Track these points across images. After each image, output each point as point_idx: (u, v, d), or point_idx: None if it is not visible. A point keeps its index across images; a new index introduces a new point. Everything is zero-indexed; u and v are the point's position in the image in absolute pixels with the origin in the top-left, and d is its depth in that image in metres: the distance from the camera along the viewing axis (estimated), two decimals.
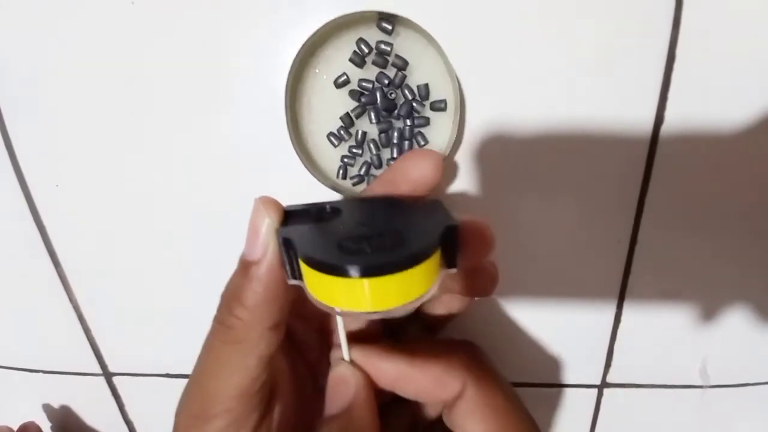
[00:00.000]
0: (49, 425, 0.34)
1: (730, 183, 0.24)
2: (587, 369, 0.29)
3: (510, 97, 0.23)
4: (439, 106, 0.23)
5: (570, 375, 0.30)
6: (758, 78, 0.22)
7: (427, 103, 0.23)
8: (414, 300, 0.14)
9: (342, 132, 0.23)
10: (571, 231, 0.25)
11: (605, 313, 0.28)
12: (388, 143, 0.24)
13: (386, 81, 0.23)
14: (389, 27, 0.22)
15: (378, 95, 0.23)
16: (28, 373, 0.33)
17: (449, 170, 0.24)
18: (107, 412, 0.33)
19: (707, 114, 0.23)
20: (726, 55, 0.22)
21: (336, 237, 0.15)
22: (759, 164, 0.24)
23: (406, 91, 0.23)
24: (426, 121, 0.23)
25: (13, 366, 0.33)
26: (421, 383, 0.20)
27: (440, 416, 0.23)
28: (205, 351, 0.18)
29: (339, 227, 0.16)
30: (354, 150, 0.24)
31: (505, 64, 0.22)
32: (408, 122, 0.23)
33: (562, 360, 0.29)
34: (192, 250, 0.27)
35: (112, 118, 0.25)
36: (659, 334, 0.28)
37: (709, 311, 0.27)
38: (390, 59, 0.22)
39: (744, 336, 0.28)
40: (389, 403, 0.22)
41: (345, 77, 0.23)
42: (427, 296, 0.14)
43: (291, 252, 0.16)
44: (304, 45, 0.21)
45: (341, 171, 0.24)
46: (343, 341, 0.19)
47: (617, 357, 0.29)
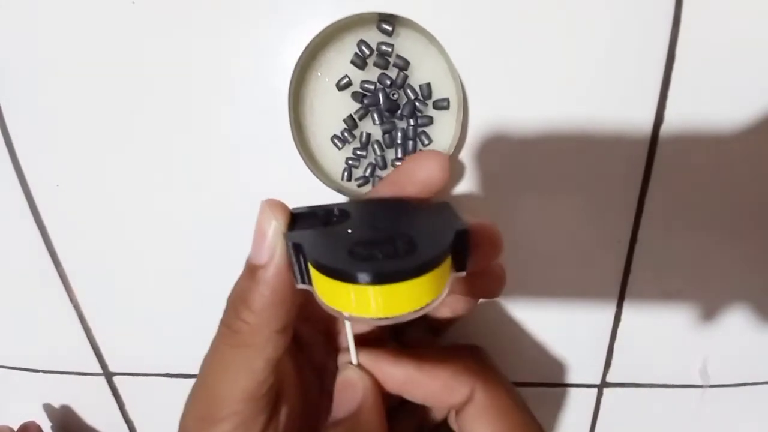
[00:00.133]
0: (50, 425, 0.34)
1: (730, 183, 0.24)
2: (587, 369, 0.29)
3: (511, 95, 0.23)
4: (442, 105, 0.23)
5: (570, 375, 0.30)
6: (758, 78, 0.22)
7: (430, 102, 0.23)
8: (424, 306, 0.14)
9: (346, 134, 0.23)
10: (571, 230, 0.26)
11: (605, 313, 0.28)
12: (392, 144, 0.24)
13: (388, 82, 0.23)
14: (389, 28, 0.22)
15: (380, 96, 0.23)
16: (29, 373, 0.33)
17: (453, 169, 0.24)
18: (108, 412, 0.33)
19: (707, 114, 0.23)
20: (726, 55, 0.22)
21: (346, 242, 0.15)
22: (759, 164, 0.24)
23: (409, 91, 0.23)
24: (429, 121, 0.23)
25: (14, 366, 0.33)
26: (430, 388, 0.19)
27: (446, 419, 0.23)
28: (212, 354, 0.18)
29: (348, 231, 0.16)
30: (358, 152, 0.24)
31: (506, 63, 0.22)
32: (411, 122, 0.23)
33: (562, 360, 0.29)
34: (193, 251, 0.27)
35: (113, 119, 0.25)
36: (659, 334, 0.28)
37: (709, 311, 0.27)
38: (391, 60, 0.22)
39: (744, 336, 0.28)
40: (396, 407, 0.22)
41: (347, 79, 0.23)
42: (437, 302, 0.15)
43: (300, 256, 0.16)
44: (306, 49, 0.21)
45: (346, 173, 0.24)
46: (351, 345, 0.19)
47: (617, 357, 0.29)
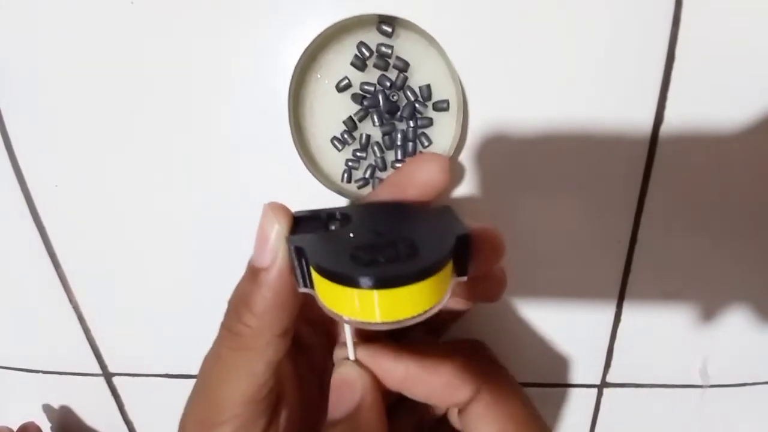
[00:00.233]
0: (49, 425, 0.34)
1: (730, 183, 0.24)
2: (587, 369, 0.29)
3: (511, 96, 0.23)
4: (442, 106, 0.23)
5: (570, 375, 0.30)
6: (758, 78, 0.22)
7: (430, 104, 0.23)
8: (426, 311, 0.14)
9: (345, 136, 0.23)
10: (571, 231, 0.25)
11: (605, 313, 0.28)
12: (392, 145, 0.23)
13: (388, 83, 0.23)
14: (389, 29, 0.22)
15: (380, 98, 0.23)
16: (28, 374, 0.33)
17: (453, 170, 0.24)
18: (107, 413, 0.33)
19: (707, 114, 0.23)
20: (726, 55, 0.22)
21: (348, 246, 0.15)
22: (759, 164, 0.24)
23: (408, 93, 0.23)
24: (429, 122, 0.23)
25: (13, 366, 0.33)
26: (432, 385, 0.19)
27: (446, 416, 0.22)
28: (212, 357, 0.18)
29: (350, 235, 0.16)
30: (358, 153, 0.24)
31: (506, 63, 0.22)
32: (411, 124, 0.23)
33: (562, 360, 0.29)
34: (192, 251, 0.27)
35: (113, 119, 0.25)
36: (659, 334, 0.28)
37: (709, 311, 0.27)
38: (391, 61, 0.22)
39: (744, 336, 0.28)
40: (394, 403, 0.22)
41: (347, 81, 0.23)
42: (439, 307, 0.15)
43: (303, 260, 0.16)
44: (306, 50, 0.21)
45: (346, 174, 0.24)
46: (349, 339, 0.19)
47: (617, 357, 0.29)
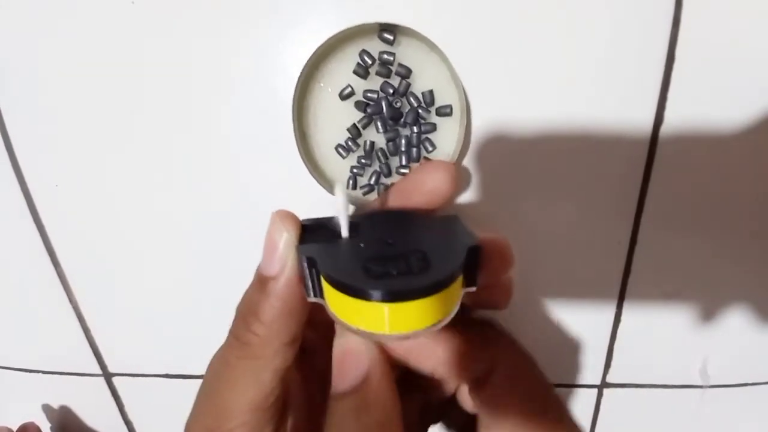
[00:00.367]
0: (49, 426, 0.34)
1: (730, 183, 0.24)
2: (587, 369, 0.29)
3: (513, 99, 0.23)
4: (445, 112, 0.23)
5: (570, 375, 0.30)
6: (758, 78, 0.22)
7: (433, 109, 0.23)
8: (436, 323, 0.14)
9: (350, 143, 0.24)
10: (572, 232, 0.25)
11: (605, 314, 0.28)
12: (397, 151, 0.24)
13: (391, 90, 0.23)
14: (391, 37, 0.22)
15: (383, 105, 0.23)
16: (28, 374, 0.33)
17: (458, 175, 0.24)
18: (107, 413, 0.33)
19: (707, 114, 0.23)
20: (726, 56, 0.22)
21: (360, 257, 0.15)
22: (759, 164, 0.24)
23: (411, 99, 0.23)
24: (433, 127, 0.23)
25: (13, 366, 0.33)
26: (444, 356, 0.17)
27: (454, 396, 0.21)
28: (219, 364, 0.18)
29: (361, 245, 0.16)
30: (363, 160, 0.24)
31: (507, 66, 0.22)
32: (415, 129, 0.23)
33: (562, 360, 0.29)
34: (192, 252, 0.27)
35: (113, 119, 0.25)
36: (659, 334, 0.28)
37: (709, 311, 0.27)
38: (393, 68, 0.22)
39: (744, 336, 0.28)
40: (399, 382, 0.21)
41: (350, 89, 0.23)
42: (449, 318, 0.15)
43: (313, 270, 0.15)
44: (308, 61, 0.21)
45: (351, 181, 0.24)
46: None
47: (617, 357, 0.29)
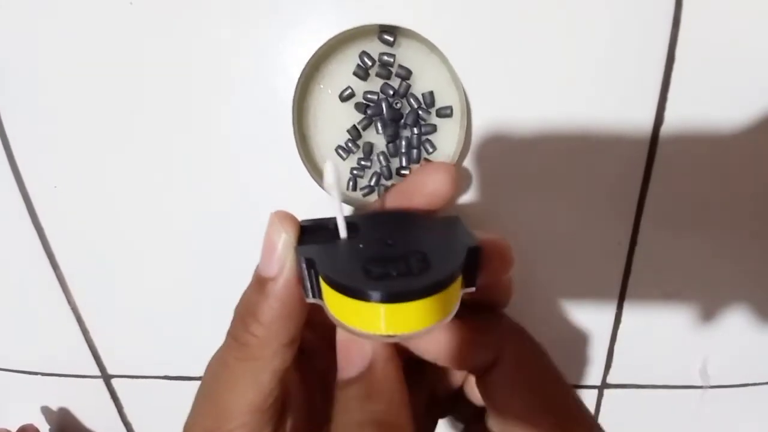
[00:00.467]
0: (48, 428, 0.34)
1: (730, 183, 0.24)
2: (587, 370, 0.29)
3: (513, 100, 0.23)
4: (445, 113, 0.23)
5: (570, 376, 0.30)
6: (758, 78, 0.22)
7: (433, 111, 0.23)
8: (436, 323, 0.14)
9: (350, 144, 0.24)
10: (572, 233, 0.25)
11: (605, 315, 0.28)
12: (397, 153, 0.24)
13: (391, 91, 0.23)
14: (391, 39, 0.22)
15: (383, 106, 0.23)
16: (27, 376, 0.33)
17: (459, 177, 0.24)
18: (106, 415, 0.33)
19: (707, 114, 0.23)
20: (726, 56, 0.22)
21: (359, 258, 0.15)
22: (759, 164, 0.24)
23: (412, 100, 0.23)
24: (433, 129, 0.23)
25: (12, 368, 0.33)
26: (451, 343, 0.17)
27: (461, 389, 0.21)
28: (218, 365, 0.18)
29: (360, 246, 0.16)
30: (363, 162, 0.24)
31: (507, 67, 0.22)
32: (415, 131, 0.23)
33: (563, 361, 0.29)
34: (192, 253, 0.27)
35: (112, 120, 0.25)
36: (659, 335, 0.28)
37: (709, 311, 0.27)
38: (393, 70, 0.22)
39: (744, 336, 0.28)
40: (404, 375, 0.21)
41: (350, 91, 0.23)
42: (449, 318, 0.15)
43: (312, 271, 0.15)
44: (308, 63, 0.21)
45: (351, 183, 0.24)
46: None
47: (617, 358, 0.29)
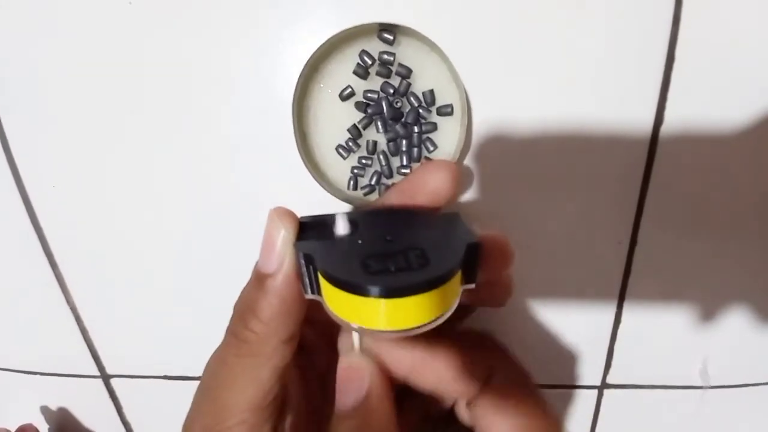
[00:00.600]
0: (47, 427, 0.34)
1: (730, 183, 0.24)
2: (587, 370, 0.29)
3: (513, 98, 0.23)
4: (446, 111, 0.23)
5: (570, 376, 0.29)
6: (758, 78, 0.22)
7: (434, 109, 0.23)
8: (435, 319, 0.14)
9: (350, 144, 0.24)
10: (572, 232, 0.25)
11: (605, 314, 0.28)
12: (397, 151, 0.24)
13: (391, 90, 0.23)
14: (390, 37, 0.22)
15: (384, 105, 0.23)
16: (26, 375, 0.33)
17: (460, 175, 0.24)
18: (105, 414, 0.33)
19: (707, 114, 0.23)
20: (726, 56, 0.22)
21: (358, 254, 0.15)
22: (759, 164, 0.24)
23: (412, 99, 0.23)
24: (434, 127, 0.23)
25: (11, 368, 0.33)
26: (441, 374, 0.18)
27: (452, 410, 0.21)
28: (218, 362, 0.18)
29: (359, 242, 0.16)
30: (364, 161, 0.24)
31: (507, 65, 0.22)
32: (416, 129, 0.23)
33: (563, 361, 0.29)
34: (191, 253, 0.27)
35: (111, 119, 0.25)
36: (659, 335, 0.28)
37: (709, 311, 0.27)
38: (393, 68, 0.22)
39: (744, 336, 0.28)
40: (398, 396, 0.21)
41: (350, 90, 0.23)
42: (448, 315, 0.15)
43: (310, 267, 0.15)
44: (308, 62, 0.21)
45: (352, 182, 0.24)
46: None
47: (617, 358, 0.29)
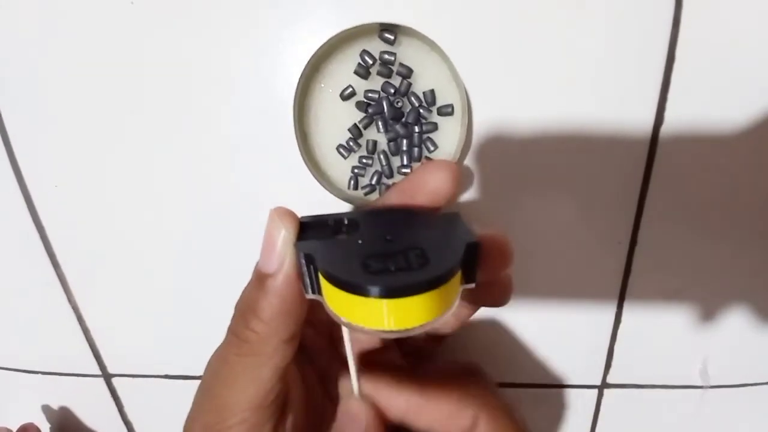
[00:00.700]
0: (48, 426, 0.34)
1: (730, 183, 0.24)
2: (587, 370, 0.29)
3: (513, 98, 0.23)
4: (446, 111, 0.23)
5: (570, 376, 0.30)
6: (758, 78, 0.22)
7: (434, 109, 0.23)
8: (435, 319, 0.14)
9: (351, 143, 0.24)
10: (572, 232, 0.25)
11: (605, 314, 0.28)
12: (398, 151, 0.24)
13: (392, 90, 0.23)
14: (391, 37, 0.22)
15: (385, 104, 0.23)
16: (27, 375, 0.33)
17: (460, 174, 0.24)
18: (106, 414, 0.33)
19: (707, 114, 0.23)
20: (726, 56, 0.22)
21: (358, 254, 0.15)
22: (759, 164, 0.24)
23: (413, 99, 0.23)
24: (434, 127, 0.23)
25: (13, 367, 0.33)
26: (433, 416, 0.19)
27: None
28: (219, 362, 0.18)
29: (359, 242, 0.16)
30: (364, 160, 0.24)
31: (508, 66, 0.22)
32: (416, 129, 0.23)
33: (563, 361, 0.29)
34: (192, 252, 0.27)
35: (113, 119, 0.25)
36: (659, 335, 0.28)
37: (710, 311, 0.27)
38: (394, 68, 0.22)
39: (744, 336, 0.28)
40: (393, 429, 0.22)
41: (351, 89, 0.23)
42: (448, 315, 0.15)
43: (311, 267, 0.15)
44: (309, 62, 0.21)
45: (352, 182, 0.24)
46: (353, 374, 0.19)
47: (617, 357, 0.29)
